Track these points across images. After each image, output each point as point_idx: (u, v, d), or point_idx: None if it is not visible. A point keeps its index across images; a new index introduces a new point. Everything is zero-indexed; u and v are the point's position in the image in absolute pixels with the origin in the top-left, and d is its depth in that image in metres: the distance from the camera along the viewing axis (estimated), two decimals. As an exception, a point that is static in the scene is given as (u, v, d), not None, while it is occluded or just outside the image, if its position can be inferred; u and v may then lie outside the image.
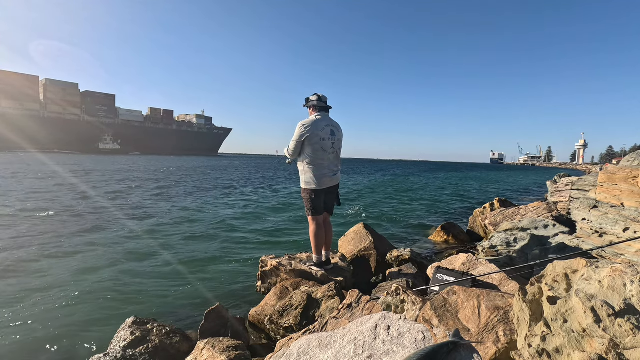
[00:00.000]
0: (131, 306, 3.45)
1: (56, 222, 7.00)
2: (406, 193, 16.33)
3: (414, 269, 3.74)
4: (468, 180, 29.69)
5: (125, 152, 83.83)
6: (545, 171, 61.29)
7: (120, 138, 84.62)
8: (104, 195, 11.19)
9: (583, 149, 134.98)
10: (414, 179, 28.00)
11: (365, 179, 25.63)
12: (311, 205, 3.40)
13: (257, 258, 4.05)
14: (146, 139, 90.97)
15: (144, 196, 11.52)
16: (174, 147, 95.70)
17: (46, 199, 9.93)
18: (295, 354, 1.72)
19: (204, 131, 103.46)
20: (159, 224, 7.24)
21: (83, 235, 6.05)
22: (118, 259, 4.85)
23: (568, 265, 1.64)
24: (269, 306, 3.02)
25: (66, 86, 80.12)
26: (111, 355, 2.31)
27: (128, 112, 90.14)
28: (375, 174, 33.84)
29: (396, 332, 1.66)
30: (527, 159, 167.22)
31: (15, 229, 6.27)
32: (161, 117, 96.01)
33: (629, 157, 4.03)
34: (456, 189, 20.13)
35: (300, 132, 3.30)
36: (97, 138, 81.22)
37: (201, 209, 9.52)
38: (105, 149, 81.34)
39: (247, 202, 11.40)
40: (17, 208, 8.20)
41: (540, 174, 45.57)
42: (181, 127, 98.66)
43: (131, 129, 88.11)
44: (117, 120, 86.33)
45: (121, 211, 8.59)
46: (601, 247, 3.20)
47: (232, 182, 18.64)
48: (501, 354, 1.65)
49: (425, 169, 60.54)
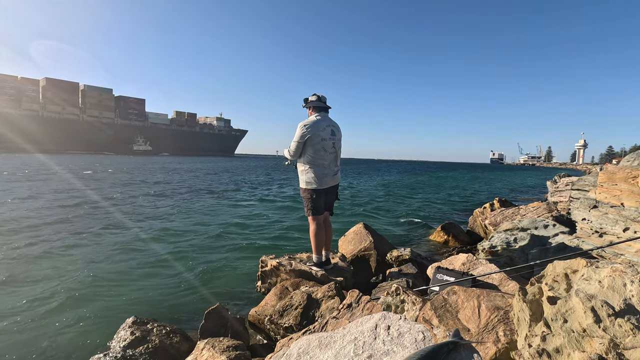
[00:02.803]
0: (131, 306, 3.45)
1: (63, 218, 7.01)
2: (406, 193, 16.33)
3: (414, 269, 3.74)
4: (468, 180, 29.70)
5: (155, 152, 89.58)
6: (545, 171, 61.28)
7: (149, 140, 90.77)
8: (116, 197, 11.21)
9: (583, 149, 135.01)
10: (413, 179, 28.00)
11: (365, 179, 25.63)
12: (312, 205, 3.40)
13: (257, 258, 4.05)
14: (172, 140, 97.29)
15: (166, 196, 11.55)
16: (196, 148, 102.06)
17: (75, 196, 9.95)
18: (295, 354, 1.72)
19: (223, 133, 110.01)
20: (159, 224, 7.25)
21: (83, 236, 6.05)
22: (118, 259, 4.85)
23: (568, 265, 1.64)
24: (269, 306, 3.02)
25: (102, 91, 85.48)
26: (111, 355, 2.31)
27: (156, 116, 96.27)
28: (375, 174, 33.84)
29: (396, 332, 1.66)
30: (527, 159, 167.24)
31: (16, 228, 6.28)
32: (185, 120, 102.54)
33: (629, 157, 4.03)
34: (456, 189, 20.14)
35: (301, 132, 3.29)
36: (129, 140, 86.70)
37: (203, 209, 9.52)
38: (139, 150, 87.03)
39: (248, 202, 11.40)
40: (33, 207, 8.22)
41: (540, 174, 45.57)
42: (203, 129, 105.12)
43: (159, 131, 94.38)
44: (146, 123, 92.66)
45: (126, 211, 8.60)
46: (601, 247, 3.20)
47: (240, 183, 18.74)
48: (501, 354, 1.65)
49: (425, 168, 60.54)
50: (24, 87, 72.91)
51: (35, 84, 75.35)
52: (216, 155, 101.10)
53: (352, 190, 16.43)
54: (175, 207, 9.63)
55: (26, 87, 73.13)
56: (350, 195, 14.15)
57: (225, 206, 10.25)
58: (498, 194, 16.57)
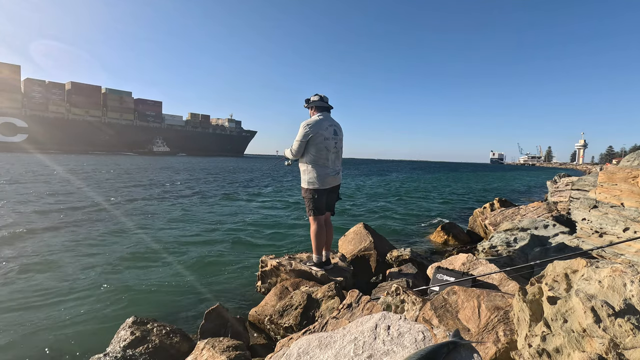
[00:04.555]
0: (131, 306, 3.45)
1: (67, 218, 7.01)
2: (406, 193, 16.33)
3: (414, 269, 3.74)
4: (468, 180, 29.69)
5: (173, 153, 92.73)
6: (545, 171, 61.28)
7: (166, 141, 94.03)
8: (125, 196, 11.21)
9: (583, 149, 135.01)
10: (413, 179, 28.00)
11: (365, 179, 25.63)
12: (313, 205, 3.40)
13: (257, 258, 4.05)
14: (187, 141, 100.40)
15: (172, 195, 11.55)
16: (209, 149, 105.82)
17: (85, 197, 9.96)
18: (295, 354, 1.72)
19: (234, 134, 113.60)
20: (160, 224, 7.25)
21: (84, 234, 6.05)
22: (118, 259, 4.84)
23: (568, 265, 1.64)
24: (269, 306, 3.02)
25: (122, 94, 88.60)
26: (111, 355, 2.31)
27: (171, 117, 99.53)
28: (375, 174, 33.84)
29: (396, 332, 1.66)
30: (527, 159, 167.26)
31: (16, 225, 6.28)
32: (199, 122, 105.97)
33: (629, 157, 4.03)
34: (456, 189, 20.14)
35: (304, 132, 3.29)
36: (148, 141, 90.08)
37: (205, 209, 9.52)
38: (158, 151, 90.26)
39: (250, 202, 11.40)
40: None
41: (540, 174, 45.57)
42: (216, 130, 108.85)
43: (174, 133, 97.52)
44: (163, 125, 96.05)
45: (128, 212, 8.60)
46: (601, 247, 3.20)
47: (242, 183, 18.78)
48: (501, 354, 1.65)
49: (425, 168, 60.53)
50: (51, 90, 76.24)
51: (61, 87, 78.62)
52: (227, 156, 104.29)
53: (352, 190, 16.43)
54: (175, 207, 9.64)
55: (53, 91, 76.48)
56: (351, 195, 14.16)
57: (226, 206, 10.25)
58: (498, 193, 16.57)
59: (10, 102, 68.68)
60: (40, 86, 74.39)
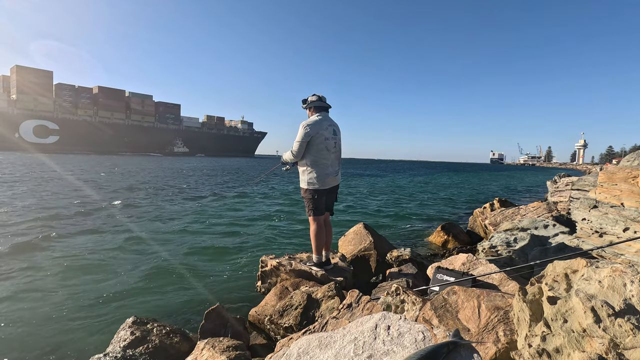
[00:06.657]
0: (131, 306, 3.45)
1: (65, 218, 7.01)
2: (406, 193, 16.33)
3: (414, 269, 3.74)
4: (468, 180, 29.69)
5: (192, 154, 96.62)
6: (545, 171, 61.28)
7: (184, 142, 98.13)
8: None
9: (583, 149, 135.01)
10: (413, 179, 27.99)
11: (364, 179, 25.63)
12: (313, 205, 3.40)
13: (257, 258, 4.05)
14: (204, 142, 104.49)
15: (176, 194, 11.56)
16: (224, 149, 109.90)
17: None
18: (295, 354, 1.72)
19: (246, 135, 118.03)
20: (161, 224, 7.25)
21: (84, 234, 6.06)
22: (118, 259, 4.85)
23: (568, 265, 1.64)
24: (269, 306, 3.02)
25: (144, 97, 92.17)
26: (111, 355, 2.31)
27: (189, 119, 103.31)
28: (375, 174, 33.84)
29: (396, 332, 1.66)
30: (527, 159, 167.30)
31: (15, 224, 6.28)
32: (215, 123, 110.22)
33: (629, 157, 4.03)
34: (456, 188, 20.13)
35: (304, 132, 3.28)
36: (168, 142, 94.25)
37: (205, 209, 9.52)
38: (178, 151, 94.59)
39: (249, 202, 11.40)
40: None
41: (540, 174, 45.57)
42: (230, 131, 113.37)
43: (192, 134, 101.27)
44: (181, 127, 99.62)
45: (129, 213, 8.60)
46: (601, 247, 3.20)
47: (243, 182, 18.85)
48: (501, 354, 1.65)
49: (425, 168, 60.53)
50: (80, 94, 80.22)
51: (89, 91, 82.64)
52: (239, 156, 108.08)
53: (352, 190, 16.43)
54: (176, 207, 9.64)
55: (82, 95, 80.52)
56: (350, 195, 14.16)
57: (226, 206, 10.25)
58: (498, 193, 16.57)
59: (44, 105, 73.24)
60: (70, 90, 78.73)
